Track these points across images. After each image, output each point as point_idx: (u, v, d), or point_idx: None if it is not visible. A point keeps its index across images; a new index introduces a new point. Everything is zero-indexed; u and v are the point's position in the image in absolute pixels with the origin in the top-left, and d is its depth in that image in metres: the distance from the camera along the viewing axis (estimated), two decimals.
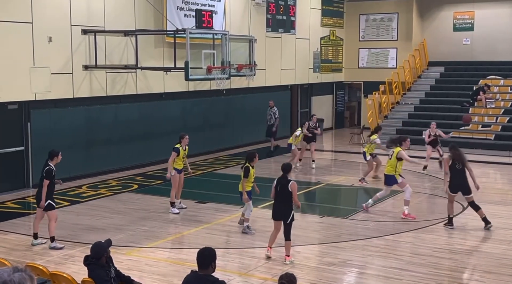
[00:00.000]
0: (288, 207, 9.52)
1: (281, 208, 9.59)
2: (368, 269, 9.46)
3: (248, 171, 10.97)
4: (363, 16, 27.42)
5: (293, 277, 5.40)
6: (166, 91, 18.35)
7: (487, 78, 24.36)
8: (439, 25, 26.78)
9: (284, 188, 9.49)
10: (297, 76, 24.69)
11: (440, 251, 10.17)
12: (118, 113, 17.10)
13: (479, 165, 17.97)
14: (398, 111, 24.43)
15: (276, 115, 20.27)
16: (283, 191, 9.49)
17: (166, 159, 18.15)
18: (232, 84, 20.05)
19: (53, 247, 10.29)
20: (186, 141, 12.83)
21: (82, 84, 15.79)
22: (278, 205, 9.65)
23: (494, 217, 12.45)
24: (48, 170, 10.40)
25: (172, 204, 12.84)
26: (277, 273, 8.95)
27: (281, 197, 9.57)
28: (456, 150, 11.66)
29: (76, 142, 15.87)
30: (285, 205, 9.54)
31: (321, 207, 13.97)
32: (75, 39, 15.46)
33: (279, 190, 9.57)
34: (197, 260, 5.41)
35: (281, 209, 9.59)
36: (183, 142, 12.80)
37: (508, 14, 25.31)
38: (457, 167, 11.53)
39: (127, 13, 16.75)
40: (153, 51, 17.63)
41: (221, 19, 19.63)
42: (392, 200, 14.02)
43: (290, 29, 23.73)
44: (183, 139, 12.82)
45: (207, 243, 10.36)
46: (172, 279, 8.84)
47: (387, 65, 26.92)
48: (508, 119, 21.78)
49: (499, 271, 9.21)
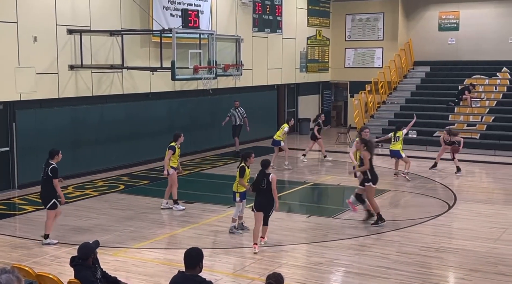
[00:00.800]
0: (269, 199, 10.09)
1: (262, 200, 10.13)
2: (355, 268, 9.49)
3: (244, 171, 10.96)
4: (349, 16, 27.51)
5: (280, 276, 5.41)
6: (153, 91, 18.29)
7: (472, 77, 24.53)
8: (424, 25, 26.93)
9: (265, 181, 10.05)
10: (283, 76, 24.72)
11: (427, 250, 10.22)
12: (104, 113, 17.01)
13: (465, 164, 18.08)
14: (384, 110, 24.53)
15: (244, 115, 19.99)
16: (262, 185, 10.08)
17: (153, 159, 18.27)
18: (219, 84, 20.02)
19: (48, 243, 10.39)
20: (181, 140, 13.03)
21: (68, 84, 15.70)
22: (259, 198, 10.18)
23: (480, 215, 12.56)
24: (54, 168, 10.47)
25: (175, 201, 12.96)
26: (264, 272, 8.95)
27: (262, 190, 10.11)
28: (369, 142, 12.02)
29: (61, 142, 15.74)
30: (266, 197, 10.09)
31: (308, 206, 13.99)
32: (61, 39, 15.36)
33: (259, 183, 10.11)
34: (184, 261, 5.39)
35: (262, 201, 10.13)
36: (179, 140, 12.96)
37: (493, 14, 25.51)
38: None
39: (113, 12, 16.67)
40: (139, 51, 17.56)
41: (208, 19, 19.60)
42: (379, 199, 14.07)
43: (276, 29, 23.75)
44: (180, 138, 12.98)
45: (194, 243, 10.34)
46: (159, 279, 8.81)
47: (373, 65, 27.03)
48: (493, 118, 21.95)
49: (485, 269, 9.28)
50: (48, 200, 10.48)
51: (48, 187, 10.46)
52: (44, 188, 10.58)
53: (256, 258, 9.83)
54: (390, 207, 13.39)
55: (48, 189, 10.49)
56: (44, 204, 10.61)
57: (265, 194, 10.14)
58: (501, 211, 12.96)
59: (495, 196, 14.73)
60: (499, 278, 8.92)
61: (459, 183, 15.98)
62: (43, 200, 10.64)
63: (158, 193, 14.47)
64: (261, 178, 10.16)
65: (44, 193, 10.57)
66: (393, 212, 12.98)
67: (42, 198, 10.64)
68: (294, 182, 15.99)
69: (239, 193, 11.15)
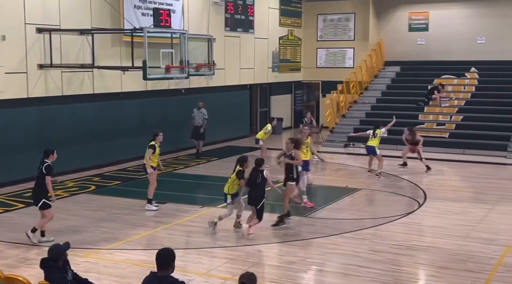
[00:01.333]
0: (259, 194, 10.98)
1: (255, 195, 11.00)
2: (327, 266, 9.55)
3: (242, 174, 11.14)
4: (321, 16, 27.67)
5: (253, 276, 5.42)
6: (124, 90, 18.15)
7: (441, 77, 24.87)
8: (395, 26, 27.22)
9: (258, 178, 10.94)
10: (256, 75, 24.75)
11: (398, 248, 10.34)
12: (75, 113, 16.81)
13: (434, 163, 18.32)
14: (356, 110, 24.73)
15: (205, 116, 19.67)
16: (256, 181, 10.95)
17: (124, 159, 18.13)
18: (191, 83, 19.97)
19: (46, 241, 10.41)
20: (160, 138, 13.02)
21: (37, 83, 15.49)
22: (253, 193, 11.03)
23: (450, 213, 12.75)
24: (48, 166, 10.50)
25: (149, 200, 12.90)
26: (237, 272, 8.95)
27: (256, 185, 10.98)
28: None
29: (31, 143, 15.55)
30: (259, 192, 10.99)
31: (280, 205, 14.01)
32: (30, 38, 15.14)
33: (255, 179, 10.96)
34: (157, 261, 5.37)
35: (256, 196, 10.99)
36: (158, 139, 12.96)
37: (461, 14, 25.90)
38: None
39: (83, 11, 16.49)
40: (110, 50, 17.41)
41: (179, 18, 19.52)
42: (350, 198, 14.19)
43: (248, 29, 23.77)
44: (158, 137, 12.97)
45: (167, 244, 10.29)
46: (131, 280, 8.76)
47: (345, 65, 27.23)
48: (462, 117, 22.29)
49: (454, 267, 9.42)
50: (39, 199, 10.49)
51: (40, 185, 10.48)
52: (36, 187, 10.59)
53: (228, 258, 9.83)
54: (361, 206, 13.50)
55: (40, 188, 10.50)
56: (35, 203, 10.60)
57: (258, 188, 10.98)
58: (470, 208, 13.18)
59: (464, 194, 14.96)
60: (468, 275, 9.07)
61: (429, 181, 16.20)
62: (34, 199, 10.64)
63: (130, 194, 14.39)
64: (256, 174, 10.97)
65: (36, 192, 10.58)
66: (364, 211, 13.10)
67: (34, 197, 10.65)
68: None
69: (230, 195, 11.23)
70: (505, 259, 9.80)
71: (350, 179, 16.50)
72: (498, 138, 20.63)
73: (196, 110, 19.83)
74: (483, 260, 9.73)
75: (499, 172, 17.72)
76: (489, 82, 24.10)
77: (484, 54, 25.30)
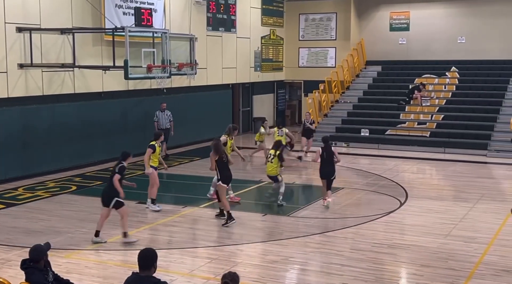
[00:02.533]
0: (332, 167, 13.07)
1: (326, 168, 13.04)
2: (310, 265, 9.58)
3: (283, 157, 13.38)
4: (303, 16, 27.73)
5: (236, 276, 5.41)
6: (105, 90, 18.03)
7: (422, 77, 25.05)
8: (376, 25, 27.36)
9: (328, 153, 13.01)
10: (238, 75, 24.74)
11: (379, 246, 10.40)
12: (56, 113, 16.68)
13: (415, 161, 18.46)
14: (338, 109, 24.82)
15: (171, 118, 18.96)
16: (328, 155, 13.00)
17: (106, 159, 18.01)
18: (173, 83, 19.91)
19: (128, 242, 10.53)
20: (162, 138, 13.28)
21: (17, 83, 15.33)
22: (324, 166, 13.09)
23: (431, 212, 12.85)
24: (122, 167, 10.64)
25: (153, 201, 12.91)
26: (220, 272, 8.95)
27: (326, 160, 13.02)
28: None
29: (11, 143, 15.40)
30: (330, 166, 13.04)
31: (263, 205, 14.04)
32: (10, 37, 14.99)
33: (325, 156, 13.00)
34: (139, 262, 5.35)
35: (325, 169, 13.04)
36: (160, 139, 13.13)
37: (442, 14, 26.11)
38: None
39: (63, 10, 16.36)
40: (91, 49, 17.29)
41: (161, 17, 19.45)
42: (332, 197, 14.24)
43: (230, 28, 23.75)
44: (161, 137, 13.20)
45: (149, 244, 10.26)
46: (113, 281, 8.71)
47: (327, 65, 27.31)
48: (443, 117, 22.47)
49: (435, 265, 9.50)
50: (111, 198, 10.49)
51: (112, 186, 10.49)
52: (109, 187, 10.60)
53: (211, 257, 9.82)
54: (343, 205, 13.56)
55: (111, 188, 10.49)
56: (107, 204, 10.59)
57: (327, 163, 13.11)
58: (451, 207, 13.29)
59: (445, 192, 15.08)
60: (449, 273, 9.15)
61: (410, 180, 16.31)
62: (106, 200, 10.61)
63: None
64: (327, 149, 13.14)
65: (107, 192, 10.61)
66: (346, 210, 13.16)
67: (105, 198, 10.63)
68: (249, 181, 16.02)
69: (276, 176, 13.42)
70: (486, 257, 9.89)
71: None
72: (478, 137, 20.83)
73: (160, 112, 18.88)
74: (464, 258, 9.82)
75: (480, 171, 17.89)
76: (470, 82, 24.33)
77: (464, 53, 25.55)
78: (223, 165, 11.87)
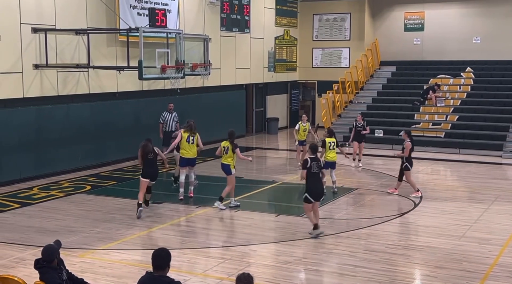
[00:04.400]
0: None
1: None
2: (323, 266, 9.56)
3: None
4: (317, 16, 27.68)
5: (250, 277, 5.38)
6: (119, 90, 18.12)
7: (437, 77, 24.92)
8: (390, 25, 27.25)
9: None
10: (252, 75, 24.74)
11: (393, 247, 10.35)
12: (70, 113, 16.78)
13: (430, 162, 18.35)
14: (351, 110, 24.74)
15: (177, 120, 17.89)
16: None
17: (120, 159, 18.07)
18: (187, 83, 19.96)
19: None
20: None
21: (33, 83, 15.45)
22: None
23: (445, 213, 12.77)
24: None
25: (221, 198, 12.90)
26: (233, 272, 8.96)
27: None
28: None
29: (26, 143, 15.52)
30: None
31: (276, 205, 14.02)
32: (25, 38, 15.10)
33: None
34: (153, 262, 5.37)
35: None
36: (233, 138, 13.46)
37: (457, 14, 25.95)
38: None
39: (78, 11, 16.46)
40: (106, 50, 17.37)
41: (175, 18, 19.51)
42: (346, 197, 14.21)
43: (244, 29, 23.76)
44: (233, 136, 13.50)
45: (162, 244, 10.29)
46: (127, 280, 8.74)
47: (340, 65, 27.25)
48: (458, 117, 22.33)
49: (450, 266, 9.44)
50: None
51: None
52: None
53: (224, 258, 9.82)
54: (357, 206, 13.52)
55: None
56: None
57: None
58: (465, 208, 13.20)
59: (459, 193, 14.98)
60: (463, 274, 9.08)
61: (425, 181, 16.22)
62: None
63: (126, 194, 14.36)
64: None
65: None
66: (360, 210, 13.11)
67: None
68: (262, 181, 16.02)
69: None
70: (501, 258, 9.82)
71: (345, 179, 16.49)
72: (493, 138, 20.68)
73: (167, 113, 17.94)
74: (478, 259, 9.75)
75: (495, 172, 17.75)
76: (485, 82, 24.16)
77: (479, 54, 25.37)
78: (148, 162, 12.34)
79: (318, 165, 10.96)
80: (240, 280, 5.29)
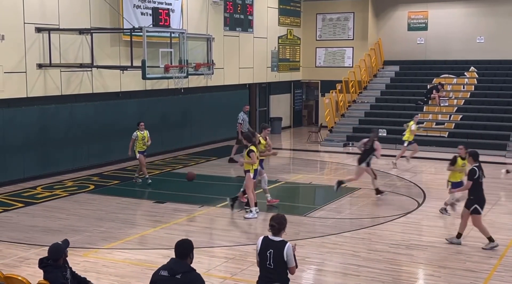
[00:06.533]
0: None
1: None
2: (327, 266, 9.55)
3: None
4: (320, 16, 27.67)
5: (283, 218, 5.54)
6: (123, 90, 18.14)
7: (440, 77, 24.88)
8: (394, 25, 27.22)
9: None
10: (255, 75, 24.74)
11: (397, 247, 10.34)
12: (74, 112, 16.81)
13: (433, 162, 18.30)
14: (355, 109, 24.73)
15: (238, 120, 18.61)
16: None
17: (123, 159, 18.08)
18: (190, 83, 19.97)
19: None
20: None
21: (36, 83, 15.47)
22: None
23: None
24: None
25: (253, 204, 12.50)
26: (236, 272, 8.97)
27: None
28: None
29: (30, 142, 15.55)
30: None
31: (279, 205, 14.01)
32: (29, 37, 15.13)
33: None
34: (176, 251, 5.50)
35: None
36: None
37: (460, 14, 25.90)
38: None
39: (82, 11, 16.48)
40: (109, 49, 17.39)
41: (179, 17, 19.51)
42: (349, 197, 14.20)
43: (247, 28, 23.76)
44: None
45: (166, 243, 10.30)
46: (130, 280, 8.75)
47: (344, 64, 27.23)
48: (461, 117, 22.29)
49: (453, 266, 9.43)
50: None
51: None
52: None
53: (227, 257, 9.83)
54: (360, 205, 13.50)
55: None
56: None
57: None
58: None
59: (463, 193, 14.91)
60: (467, 274, 9.07)
61: (428, 181, 16.20)
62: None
63: (129, 193, 14.38)
64: None
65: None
66: (363, 210, 13.10)
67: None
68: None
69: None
70: (505, 258, 9.80)
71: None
72: (497, 138, 20.64)
73: (243, 114, 18.73)
74: (482, 259, 9.74)
75: (499, 171, 17.70)
76: (488, 82, 24.12)
77: (483, 53, 25.32)
78: None
79: (483, 173, 10.35)
80: (272, 219, 5.44)
